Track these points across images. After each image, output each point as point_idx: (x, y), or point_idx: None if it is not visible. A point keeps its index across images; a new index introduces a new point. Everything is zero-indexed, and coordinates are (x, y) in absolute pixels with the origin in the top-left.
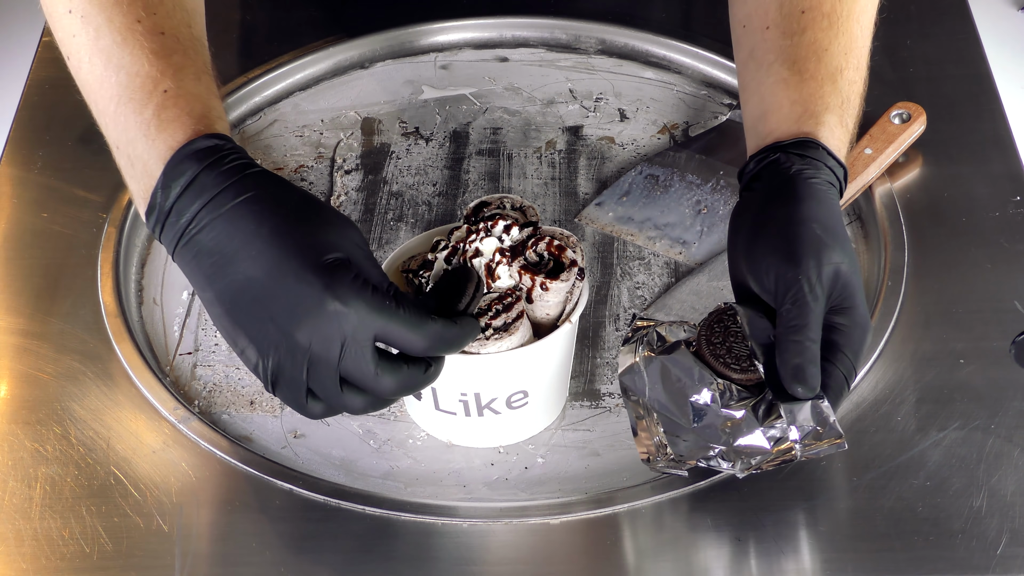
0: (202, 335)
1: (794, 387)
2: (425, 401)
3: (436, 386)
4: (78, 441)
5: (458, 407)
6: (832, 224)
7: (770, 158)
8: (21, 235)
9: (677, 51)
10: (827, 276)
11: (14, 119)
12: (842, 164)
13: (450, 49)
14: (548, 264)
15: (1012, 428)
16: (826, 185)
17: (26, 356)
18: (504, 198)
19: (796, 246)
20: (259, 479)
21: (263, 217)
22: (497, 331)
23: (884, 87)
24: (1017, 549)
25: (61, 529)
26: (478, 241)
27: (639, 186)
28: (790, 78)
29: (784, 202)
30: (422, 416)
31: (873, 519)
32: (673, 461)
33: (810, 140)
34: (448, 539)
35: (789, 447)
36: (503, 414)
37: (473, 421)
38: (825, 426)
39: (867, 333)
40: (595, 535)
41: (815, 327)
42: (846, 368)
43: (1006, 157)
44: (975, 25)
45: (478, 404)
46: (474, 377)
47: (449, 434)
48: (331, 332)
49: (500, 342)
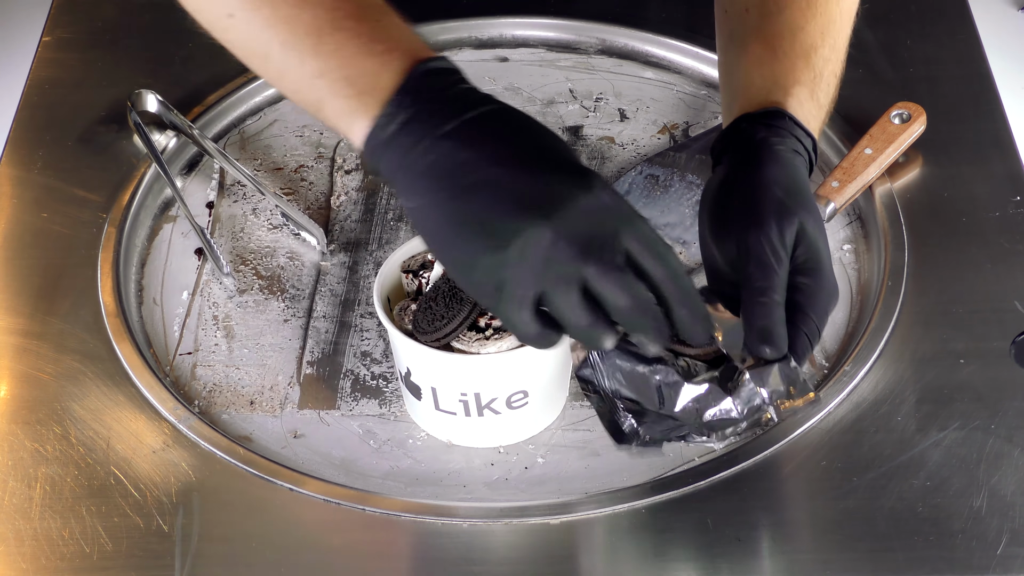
0: (202, 335)
1: (761, 349)
2: (425, 401)
3: (436, 386)
4: (78, 441)
5: (458, 407)
6: (795, 187)
7: (736, 129)
8: (21, 235)
9: (677, 51)
10: (789, 237)
11: (14, 119)
12: (810, 134)
13: (450, 49)
14: None
15: (1012, 428)
16: (791, 152)
17: (26, 356)
18: None
19: (758, 209)
20: (259, 479)
21: (518, 136)
22: (497, 331)
23: (884, 87)
24: (1017, 549)
25: (61, 529)
26: None
27: (639, 186)
28: (764, 55)
29: (747, 169)
30: (422, 416)
31: (873, 519)
32: (648, 444)
33: (776, 110)
34: (448, 539)
35: (761, 410)
36: (503, 414)
37: (473, 421)
38: (795, 385)
39: (833, 295)
40: (595, 535)
41: (779, 288)
42: (810, 330)
43: (1006, 157)
44: (975, 25)
45: (478, 404)
46: (474, 377)
47: (449, 434)
48: (584, 222)
49: (500, 342)
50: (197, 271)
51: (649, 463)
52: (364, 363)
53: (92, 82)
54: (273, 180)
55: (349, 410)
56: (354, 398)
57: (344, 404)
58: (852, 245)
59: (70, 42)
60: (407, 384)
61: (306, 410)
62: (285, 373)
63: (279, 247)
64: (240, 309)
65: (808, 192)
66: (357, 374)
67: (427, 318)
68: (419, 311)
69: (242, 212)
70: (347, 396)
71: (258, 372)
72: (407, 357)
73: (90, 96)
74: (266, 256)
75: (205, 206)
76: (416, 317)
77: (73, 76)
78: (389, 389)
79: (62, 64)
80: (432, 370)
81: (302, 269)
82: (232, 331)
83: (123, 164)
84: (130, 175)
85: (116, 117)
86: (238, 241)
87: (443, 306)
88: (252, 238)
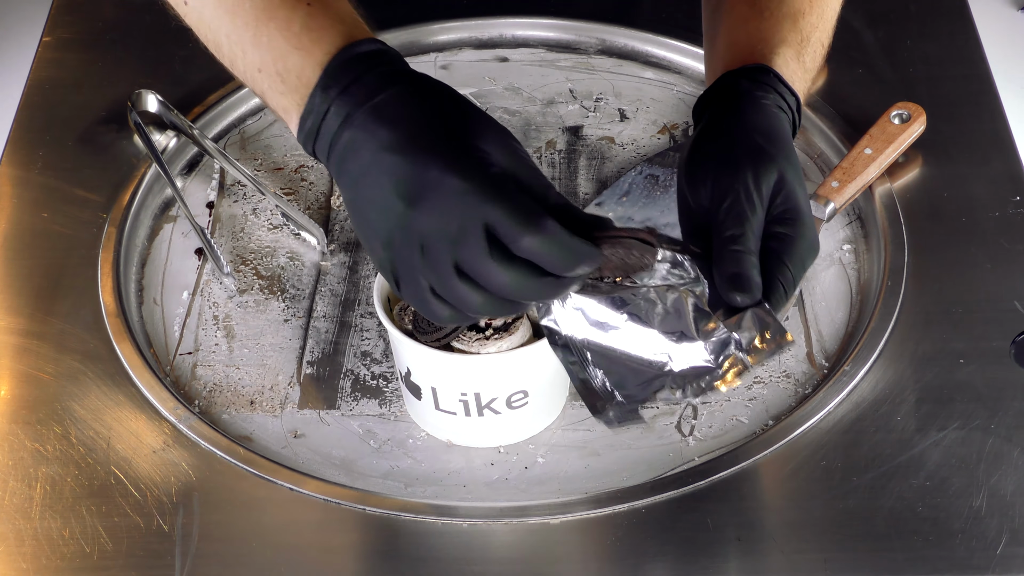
0: (202, 335)
1: (732, 296)
2: (425, 401)
3: (436, 385)
4: (78, 441)
5: (458, 407)
6: (775, 135)
7: (719, 85)
8: (21, 235)
9: (677, 51)
10: (766, 185)
11: (14, 119)
12: (795, 93)
13: (450, 49)
14: None
15: (1012, 428)
16: (775, 107)
17: (26, 356)
18: None
19: (734, 154)
20: (259, 479)
21: (412, 117)
22: (497, 331)
23: (884, 87)
24: (1017, 549)
25: (61, 529)
26: None
27: (639, 186)
28: (749, 15)
29: (727, 118)
30: (422, 416)
31: (873, 519)
32: (624, 407)
33: (761, 65)
34: (448, 539)
35: (735, 359)
36: (503, 414)
37: (473, 421)
38: (768, 329)
39: (813, 247)
40: (595, 535)
41: (752, 236)
42: (786, 279)
43: (1006, 157)
44: (975, 25)
45: (478, 404)
46: (474, 377)
47: (449, 434)
48: (447, 208)
49: (500, 342)
50: (197, 271)
51: (649, 463)
52: (364, 363)
53: (92, 82)
54: (273, 180)
55: (349, 410)
56: (354, 398)
57: (344, 404)
58: (852, 245)
59: (70, 42)
60: (407, 384)
61: (306, 410)
62: (285, 373)
63: (279, 247)
64: (240, 309)
65: (789, 142)
66: (357, 374)
67: (426, 318)
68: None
69: (242, 212)
70: (347, 396)
71: (258, 372)
72: (407, 357)
73: (90, 96)
74: (266, 256)
75: (205, 206)
76: (416, 317)
77: (73, 76)
78: (389, 389)
79: (62, 64)
80: (432, 370)
81: (302, 269)
82: (232, 331)
83: (123, 164)
84: (130, 175)
85: (116, 117)
86: (238, 241)
87: None
88: (252, 238)
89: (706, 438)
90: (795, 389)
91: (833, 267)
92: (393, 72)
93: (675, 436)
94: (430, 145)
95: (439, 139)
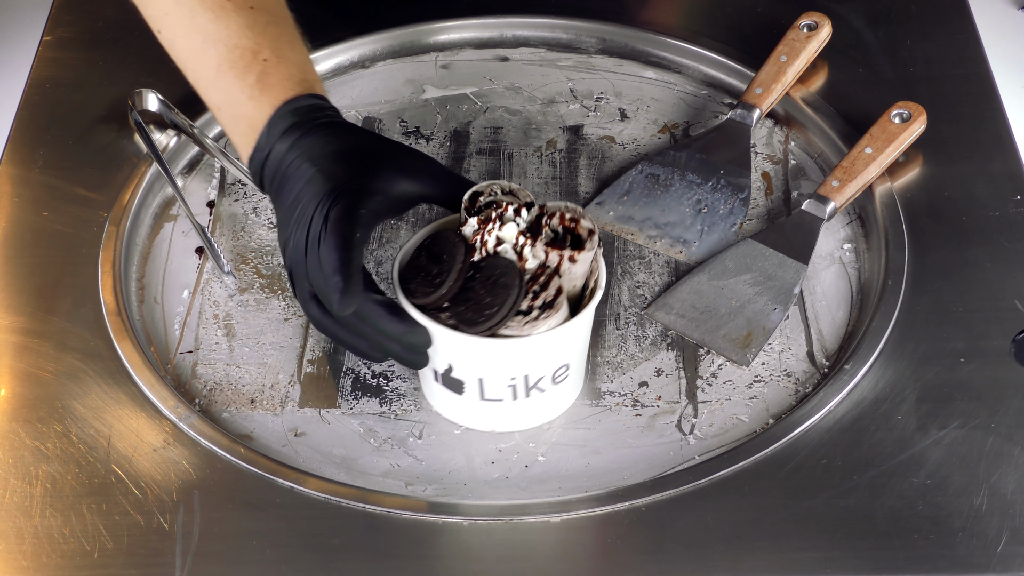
0: (202, 333)
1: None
2: (468, 394)
3: (483, 376)
4: (79, 439)
5: (506, 393)
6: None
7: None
8: (22, 234)
9: (677, 51)
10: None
11: (14, 118)
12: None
13: (451, 49)
14: (566, 238)
15: (1012, 427)
16: None
17: (27, 354)
18: (492, 185)
19: None
20: (260, 477)
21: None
22: (543, 310)
23: (884, 87)
24: (1017, 548)
25: (62, 527)
26: (497, 230)
27: (639, 185)
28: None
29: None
30: (461, 411)
31: (873, 518)
32: None
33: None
34: (449, 537)
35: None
36: (547, 391)
37: (520, 404)
38: None
39: None
40: (596, 533)
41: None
42: None
43: (1006, 157)
44: (975, 25)
45: (526, 385)
46: (525, 359)
47: (493, 423)
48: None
49: (548, 320)
50: (198, 270)
51: (649, 461)
52: (364, 362)
53: (93, 81)
54: None
55: (350, 408)
56: (355, 396)
57: (345, 402)
58: (852, 244)
59: (71, 41)
60: (446, 381)
61: (307, 408)
62: (286, 371)
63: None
64: (241, 308)
65: None
66: (357, 372)
67: (471, 309)
68: (457, 304)
69: (243, 211)
70: (347, 394)
71: (259, 370)
72: (451, 352)
73: (91, 95)
74: (267, 255)
75: (206, 205)
76: (456, 311)
77: (74, 75)
78: (390, 388)
79: (63, 63)
80: (482, 360)
81: None
82: (233, 330)
83: (124, 163)
84: (131, 174)
85: (117, 116)
86: (239, 240)
87: (485, 293)
88: (253, 237)
89: (706, 436)
90: (795, 388)
91: (833, 266)
92: (323, 122)
93: (675, 435)
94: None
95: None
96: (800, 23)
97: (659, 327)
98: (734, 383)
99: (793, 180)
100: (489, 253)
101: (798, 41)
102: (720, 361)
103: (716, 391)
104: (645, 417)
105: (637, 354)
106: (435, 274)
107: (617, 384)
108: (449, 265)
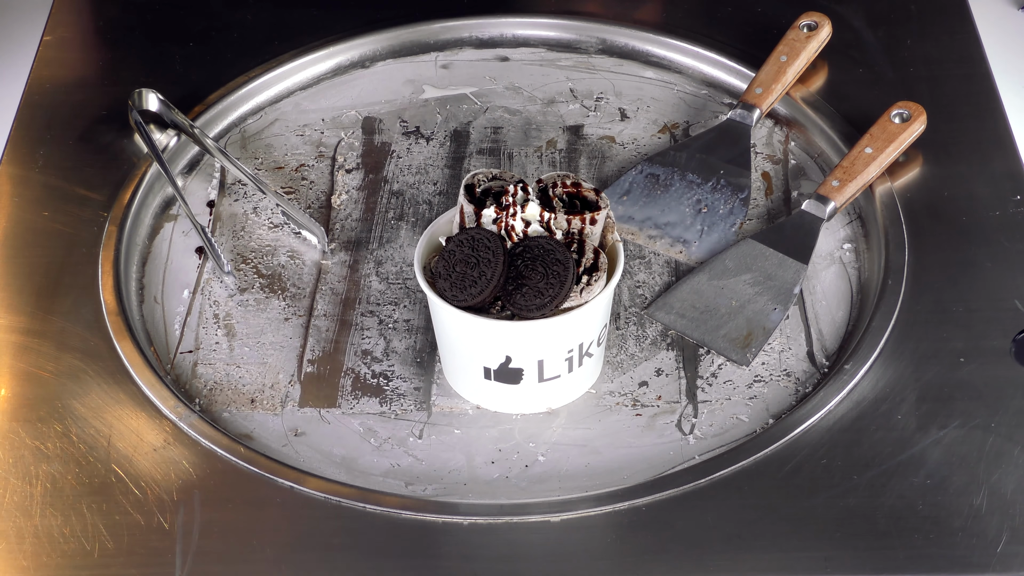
0: (203, 333)
1: None
2: (527, 381)
3: (544, 357)
4: (79, 439)
5: (563, 367)
6: None
7: None
8: (22, 234)
9: (677, 51)
10: None
11: (15, 118)
12: None
13: (451, 48)
14: (574, 203)
15: (1012, 426)
16: None
17: (27, 354)
18: (478, 174)
19: None
20: (260, 477)
21: None
22: (590, 273)
23: (884, 87)
24: (1017, 547)
25: (62, 527)
26: (521, 212)
27: (639, 185)
28: None
29: None
30: (517, 400)
31: (873, 517)
32: None
33: None
34: (449, 537)
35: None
36: (595, 355)
37: (574, 375)
38: None
39: None
40: (596, 533)
41: None
42: None
43: (1006, 157)
44: (975, 25)
45: (580, 353)
46: (583, 327)
47: (549, 401)
48: None
49: (599, 283)
50: (198, 270)
51: (649, 461)
52: (364, 361)
53: (93, 81)
54: (274, 179)
55: (350, 408)
56: (355, 396)
57: (345, 402)
58: (852, 244)
59: (71, 41)
60: (503, 375)
61: (307, 408)
62: (286, 371)
63: (280, 246)
64: (241, 308)
65: None
66: (358, 372)
67: (528, 294)
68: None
69: (243, 211)
70: (347, 394)
71: (259, 370)
72: (508, 344)
73: (91, 95)
74: (267, 255)
75: (206, 205)
76: (512, 300)
77: (74, 75)
78: (390, 387)
79: (63, 63)
80: (542, 342)
81: (303, 268)
82: (233, 329)
83: (124, 163)
84: (131, 174)
85: (117, 116)
86: (239, 240)
87: (540, 276)
88: (253, 237)
89: (706, 436)
90: (795, 388)
91: (833, 266)
92: None
93: (675, 434)
94: None
95: None
96: (800, 23)
97: (659, 327)
98: (734, 383)
99: (793, 180)
100: (519, 236)
101: (798, 41)
102: (720, 361)
103: (716, 391)
104: (645, 417)
105: (637, 354)
106: (474, 274)
107: (617, 384)
108: (489, 259)
